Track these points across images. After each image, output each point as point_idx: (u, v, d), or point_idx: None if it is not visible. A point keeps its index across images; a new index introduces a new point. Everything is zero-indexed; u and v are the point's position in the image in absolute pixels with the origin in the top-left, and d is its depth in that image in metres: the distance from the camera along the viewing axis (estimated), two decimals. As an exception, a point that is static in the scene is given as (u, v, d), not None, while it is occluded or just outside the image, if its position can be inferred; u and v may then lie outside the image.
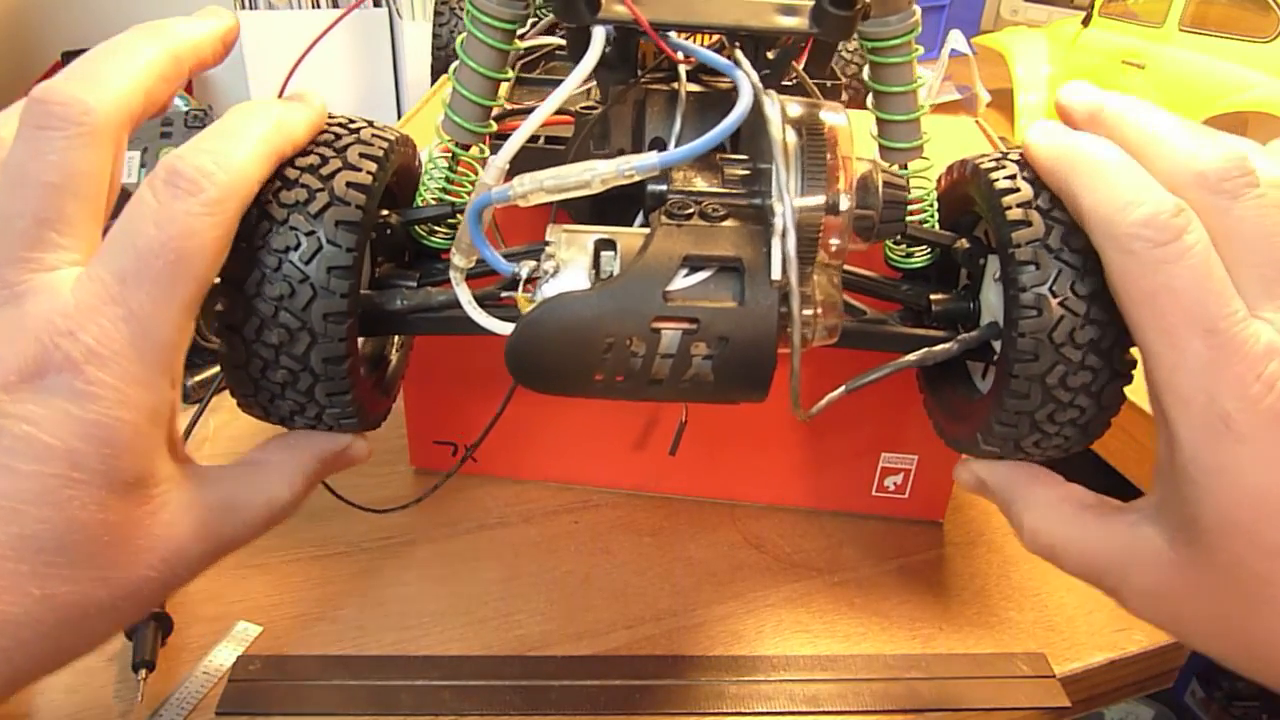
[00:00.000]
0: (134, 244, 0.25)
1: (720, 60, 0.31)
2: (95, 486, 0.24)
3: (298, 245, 0.28)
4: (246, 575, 0.47)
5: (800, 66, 0.43)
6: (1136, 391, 0.31)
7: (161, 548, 0.27)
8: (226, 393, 0.32)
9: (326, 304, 0.28)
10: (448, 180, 0.35)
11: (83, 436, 0.24)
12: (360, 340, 0.33)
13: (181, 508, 0.27)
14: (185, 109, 0.82)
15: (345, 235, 0.28)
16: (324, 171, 0.29)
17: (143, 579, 0.26)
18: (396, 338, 0.39)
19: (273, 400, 0.31)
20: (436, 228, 0.35)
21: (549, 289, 0.29)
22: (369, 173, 0.30)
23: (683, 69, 0.35)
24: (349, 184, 0.29)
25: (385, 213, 0.33)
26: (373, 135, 0.31)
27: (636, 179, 0.29)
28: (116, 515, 0.25)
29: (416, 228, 0.35)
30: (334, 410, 0.31)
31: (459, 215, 0.34)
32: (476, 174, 0.35)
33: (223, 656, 0.43)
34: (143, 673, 0.41)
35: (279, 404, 0.31)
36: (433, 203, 0.35)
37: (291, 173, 0.29)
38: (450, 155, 0.34)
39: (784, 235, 0.28)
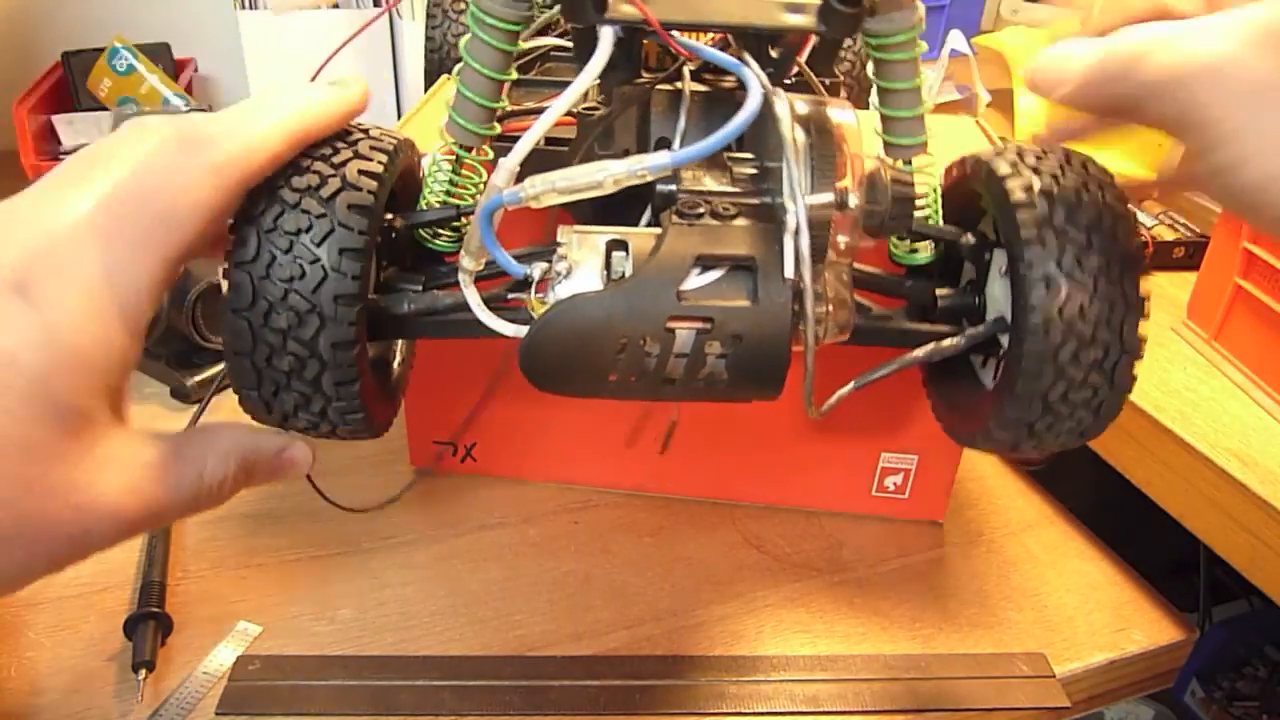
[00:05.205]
0: (131, 186, 0.25)
1: (729, 59, 0.31)
2: (26, 400, 0.23)
3: (310, 227, 0.28)
4: (246, 575, 0.48)
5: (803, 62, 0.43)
6: (1136, 392, 0.31)
7: (82, 492, 0.25)
8: (226, 393, 0.32)
9: (338, 285, 0.28)
10: (451, 184, 0.35)
11: (28, 345, 0.23)
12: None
13: (112, 458, 0.26)
14: (185, 108, 0.82)
15: (357, 218, 0.29)
16: (335, 160, 0.30)
17: (52, 520, 0.25)
18: (401, 346, 0.38)
19: (276, 393, 0.30)
20: (440, 231, 0.35)
21: (562, 290, 0.29)
22: (380, 163, 0.30)
23: (687, 68, 0.35)
24: (360, 171, 0.29)
25: (389, 216, 0.33)
26: (381, 133, 0.32)
27: (649, 179, 0.29)
28: (40, 438, 0.24)
29: (420, 231, 0.35)
30: (340, 404, 0.31)
31: (464, 218, 0.34)
32: (480, 176, 0.35)
33: (223, 656, 0.43)
34: (143, 673, 0.41)
35: (283, 397, 0.31)
36: (437, 205, 0.35)
37: (303, 161, 0.29)
38: (454, 158, 0.34)
39: (797, 233, 0.28)
